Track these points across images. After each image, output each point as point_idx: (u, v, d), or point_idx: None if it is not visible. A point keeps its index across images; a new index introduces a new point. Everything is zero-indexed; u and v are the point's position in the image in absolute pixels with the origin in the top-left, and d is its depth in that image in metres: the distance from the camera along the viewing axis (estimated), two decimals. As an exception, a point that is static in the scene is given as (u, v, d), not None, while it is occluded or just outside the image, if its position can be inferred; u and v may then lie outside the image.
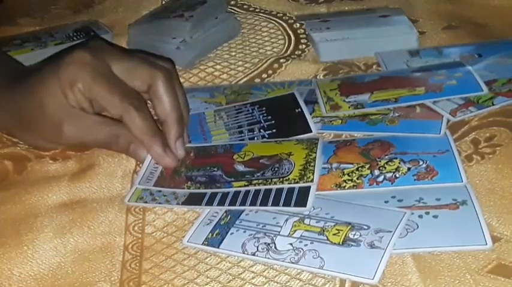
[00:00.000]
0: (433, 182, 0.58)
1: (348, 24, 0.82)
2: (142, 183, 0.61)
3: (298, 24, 0.86)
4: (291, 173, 0.59)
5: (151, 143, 0.62)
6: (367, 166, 0.60)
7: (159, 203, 0.59)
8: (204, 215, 0.57)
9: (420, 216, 0.55)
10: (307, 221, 0.55)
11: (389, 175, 0.59)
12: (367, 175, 0.59)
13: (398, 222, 0.54)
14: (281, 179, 0.58)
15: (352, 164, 0.61)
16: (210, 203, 0.58)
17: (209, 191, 0.59)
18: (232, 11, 0.90)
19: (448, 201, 0.56)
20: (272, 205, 0.56)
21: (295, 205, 0.56)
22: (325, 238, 0.53)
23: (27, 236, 0.57)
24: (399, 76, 0.73)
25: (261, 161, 0.61)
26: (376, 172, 0.59)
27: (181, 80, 0.77)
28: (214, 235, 0.55)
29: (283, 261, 0.52)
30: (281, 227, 0.55)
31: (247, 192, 0.58)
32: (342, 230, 0.54)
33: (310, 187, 0.57)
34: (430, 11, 0.87)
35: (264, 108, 0.69)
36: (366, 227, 0.53)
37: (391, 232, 0.53)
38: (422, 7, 0.87)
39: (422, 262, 0.51)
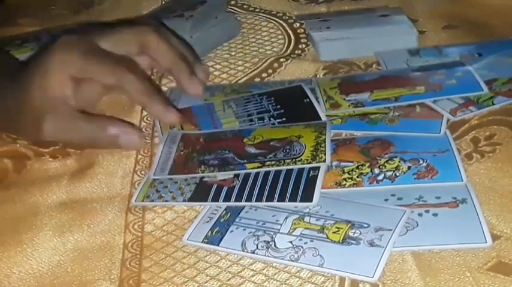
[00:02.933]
0: (433, 181, 0.58)
1: (347, 23, 0.82)
2: (157, 173, 0.62)
3: (298, 24, 0.86)
4: (302, 154, 0.59)
5: (152, 101, 0.62)
6: (367, 165, 0.60)
7: (166, 200, 0.59)
8: (204, 212, 0.57)
9: (420, 214, 0.55)
10: (307, 219, 0.55)
11: (389, 173, 0.59)
12: (367, 173, 0.59)
13: (398, 220, 0.53)
14: (294, 160, 0.59)
15: (352, 162, 0.61)
16: (216, 198, 0.58)
17: (222, 173, 0.60)
18: (232, 10, 0.90)
19: (448, 199, 0.56)
20: (278, 201, 0.57)
21: (301, 200, 0.56)
22: (325, 236, 0.53)
23: (26, 235, 0.57)
24: (399, 75, 0.73)
25: (271, 143, 0.62)
26: (376, 171, 0.59)
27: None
28: (214, 233, 0.55)
29: (282, 259, 0.52)
30: (281, 225, 0.55)
31: (253, 186, 0.58)
32: (342, 228, 0.53)
33: (316, 181, 0.57)
34: (430, 10, 0.87)
35: (272, 98, 0.70)
36: (366, 226, 0.53)
37: (391, 230, 0.53)
38: (422, 7, 0.87)
39: (422, 260, 0.51)
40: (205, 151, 0.63)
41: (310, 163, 0.59)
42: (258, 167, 0.60)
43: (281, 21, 0.87)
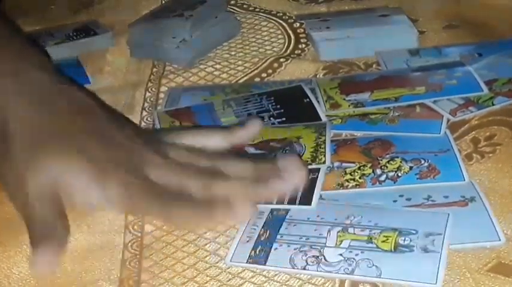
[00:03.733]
0: (436, 180, 0.58)
1: (347, 23, 0.82)
2: None
3: (298, 24, 0.86)
4: (302, 155, 0.59)
5: None
6: (369, 165, 0.60)
7: None
8: (241, 232, 0.55)
9: None
10: (351, 230, 0.53)
11: (391, 174, 0.59)
12: (369, 174, 0.59)
13: (445, 223, 0.53)
14: None
15: (353, 163, 0.61)
16: None
17: None
18: (232, 10, 0.90)
19: (457, 198, 0.56)
20: (277, 203, 0.56)
21: (300, 204, 0.56)
22: (375, 245, 0.52)
23: (26, 235, 0.56)
24: (399, 75, 0.72)
25: (271, 143, 0.62)
26: (378, 171, 0.59)
27: (181, 79, 0.77)
28: (257, 252, 0.53)
29: (337, 273, 0.50)
30: (325, 238, 0.53)
31: None
32: (390, 236, 0.52)
33: (315, 184, 0.57)
34: (430, 10, 0.86)
35: (272, 98, 0.70)
36: (414, 232, 0.52)
37: (441, 234, 0.52)
38: (422, 7, 0.87)
39: (422, 261, 0.51)
40: None
41: (310, 164, 0.59)
42: None
43: (281, 21, 0.87)
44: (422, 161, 0.59)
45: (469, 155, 0.61)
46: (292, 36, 0.84)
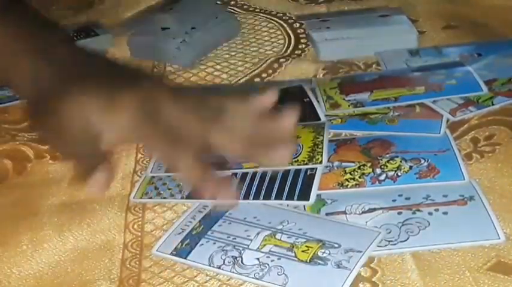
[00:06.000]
0: (435, 180, 0.58)
1: (347, 23, 0.82)
2: (154, 171, 0.62)
3: (298, 24, 0.86)
4: (299, 155, 0.59)
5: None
6: (369, 165, 0.60)
7: (164, 197, 0.59)
8: (178, 223, 0.56)
9: (430, 213, 0.54)
10: (278, 235, 0.53)
11: (391, 173, 0.59)
12: (369, 173, 0.59)
13: (370, 242, 0.52)
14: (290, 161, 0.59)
15: (353, 162, 0.61)
16: None
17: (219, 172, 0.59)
18: (232, 11, 0.90)
19: (456, 197, 0.56)
20: (275, 199, 0.56)
21: (298, 199, 0.56)
22: (294, 254, 0.52)
23: (26, 235, 0.57)
24: (399, 75, 0.73)
25: None
26: (378, 171, 0.59)
27: (181, 80, 0.77)
28: (183, 245, 0.54)
29: (247, 276, 0.50)
30: (251, 240, 0.53)
31: (250, 184, 0.58)
32: (311, 247, 0.52)
33: (313, 180, 0.57)
34: (430, 10, 0.87)
35: None
36: (336, 246, 0.52)
37: (361, 252, 0.51)
38: (422, 7, 0.87)
39: (421, 260, 0.51)
40: None
41: (306, 164, 0.59)
42: (255, 167, 0.60)
43: (281, 21, 0.87)
44: (422, 161, 0.60)
45: (468, 154, 0.61)
46: (292, 37, 0.84)
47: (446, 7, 0.87)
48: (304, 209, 0.56)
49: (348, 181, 0.59)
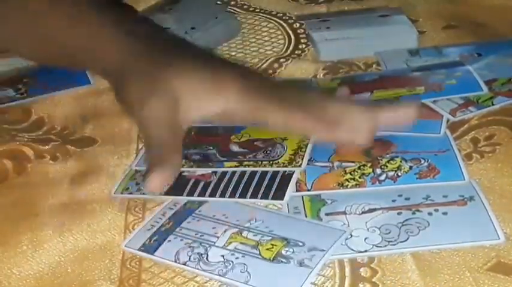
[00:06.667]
0: (436, 180, 0.58)
1: (347, 23, 0.82)
2: (139, 165, 0.62)
3: (298, 24, 0.86)
4: (281, 156, 0.59)
5: None
6: (369, 165, 0.60)
7: (143, 193, 0.59)
8: (148, 219, 0.57)
9: (430, 213, 0.54)
10: (245, 233, 0.54)
11: (391, 173, 0.59)
12: (369, 173, 0.59)
13: (335, 240, 0.52)
14: (270, 162, 0.59)
15: (353, 162, 0.61)
16: (191, 193, 0.58)
17: (201, 170, 0.60)
18: (232, 11, 0.90)
19: (456, 198, 0.56)
20: (251, 197, 0.57)
21: (273, 198, 0.56)
22: (258, 252, 0.52)
23: (26, 235, 0.57)
24: (399, 76, 0.73)
25: (255, 143, 0.62)
26: (378, 171, 0.59)
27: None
28: (152, 241, 0.54)
29: (211, 273, 0.51)
30: (218, 237, 0.54)
31: (228, 182, 0.58)
32: (276, 245, 0.52)
33: (289, 180, 0.57)
34: (430, 10, 0.87)
35: None
36: (300, 244, 0.52)
37: (323, 251, 0.51)
38: (422, 7, 0.87)
39: (421, 260, 0.51)
40: (191, 144, 0.63)
41: (286, 166, 0.59)
42: (235, 167, 0.60)
43: (281, 22, 0.87)
44: (422, 161, 0.60)
45: (468, 155, 0.61)
46: (292, 37, 0.84)
47: (446, 7, 0.87)
48: (305, 211, 0.56)
49: (348, 181, 0.59)
